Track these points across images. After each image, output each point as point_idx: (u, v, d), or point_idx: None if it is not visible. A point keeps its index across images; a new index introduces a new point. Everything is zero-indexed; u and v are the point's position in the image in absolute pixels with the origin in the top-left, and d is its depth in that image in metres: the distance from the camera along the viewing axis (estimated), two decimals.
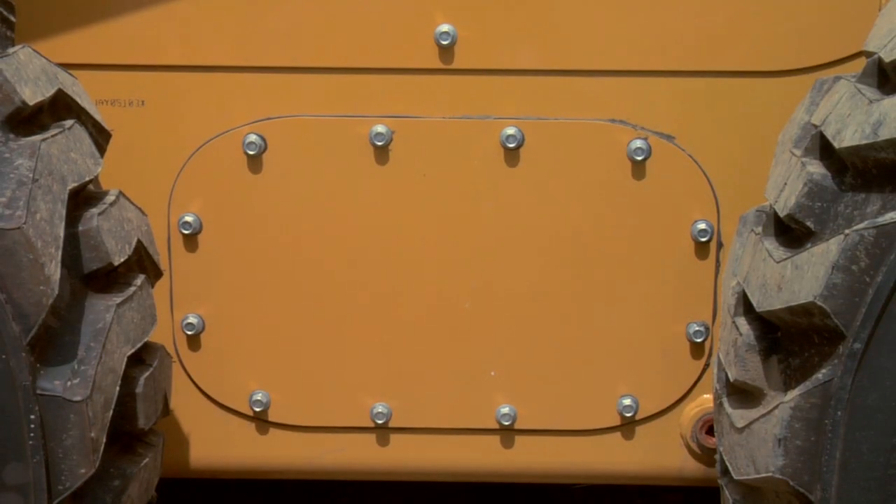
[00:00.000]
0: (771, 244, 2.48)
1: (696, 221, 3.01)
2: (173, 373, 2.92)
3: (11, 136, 2.39)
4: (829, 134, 2.39)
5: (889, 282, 2.27)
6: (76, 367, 2.39)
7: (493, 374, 3.10)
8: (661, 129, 2.99)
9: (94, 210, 2.52)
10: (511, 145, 2.98)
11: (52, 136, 2.45)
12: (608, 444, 3.14)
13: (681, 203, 3.01)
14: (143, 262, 2.72)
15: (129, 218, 2.64)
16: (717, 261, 3.04)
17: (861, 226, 2.28)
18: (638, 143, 2.97)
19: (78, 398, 2.38)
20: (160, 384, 2.73)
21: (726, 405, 2.56)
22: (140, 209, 2.74)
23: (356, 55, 2.95)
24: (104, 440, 2.47)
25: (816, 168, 2.41)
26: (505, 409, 3.11)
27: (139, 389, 2.60)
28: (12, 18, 2.56)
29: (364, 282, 3.06)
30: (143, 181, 3.00)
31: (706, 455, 3.12)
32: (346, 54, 2.95)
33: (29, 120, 2.46)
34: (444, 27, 2.93)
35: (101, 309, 2.47)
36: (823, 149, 2.45)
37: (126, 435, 2.64)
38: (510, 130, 2.97)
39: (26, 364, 2.35)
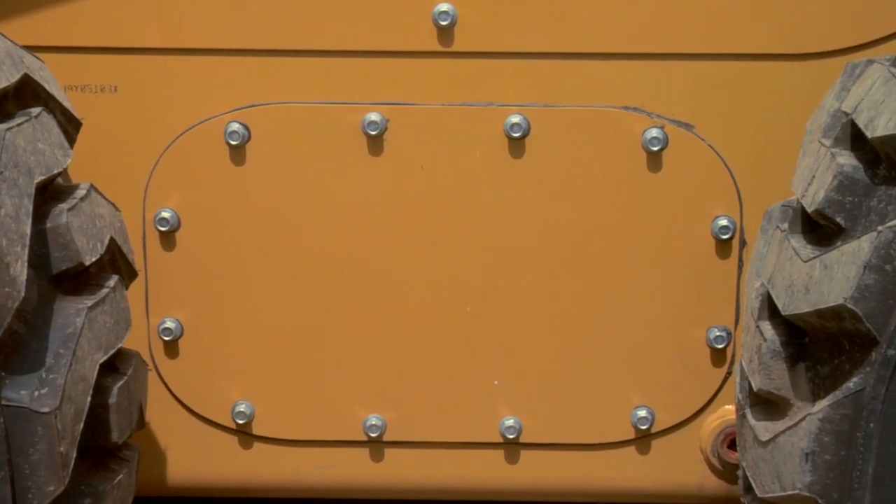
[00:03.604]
0: (798, 242, 2.49)
1: (716, 217, 3.03)
2: (149, 382, 2.93)
3: None
4: (860, 122, 2.40)
5: None
6: (44, 375, 2.40)
7: (496, 383, 3.12)
8: (678, 118, 3.00)
9: (64, 205, 2.53)
10: (516, 135, 2.99)
11: (18, 124, 2.45)
12: (621, 459, 3.15)
13: (700, 197, 3.02)
14: (117, 262, 2.73)
15: (101, 214, 2.65)
16: (740, 260, 3.05)
17: (895, 222, 2.29)
18: (654, 133, 2.99)
19: (46, 409, 2.39)
20: (135, 394, 2.73)
21: (749, 417, 2.57)
22: (113, 204, 2.75)
23: (348, 37, 2.96)
24: (74, 455, 2.47)
25: (847, 159, 2.42)
26: (509, 422, 3.12)
27: (112, 400, 2.61)
28: None
29: (357, 283, 3.07)
30: (116, 174, 3.01)
31: (728, 471, 3.13)
32: (336, 36, 2.96)
33: None
34: (443, 6, 2.94)
35: (71, 313, 2.48)
36: (855, 138, 2.46)
37: (98, 449, 2.65)
38: (515, 119, 2.98)
39: None
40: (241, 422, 3.14)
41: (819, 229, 2.48)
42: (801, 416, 2.40)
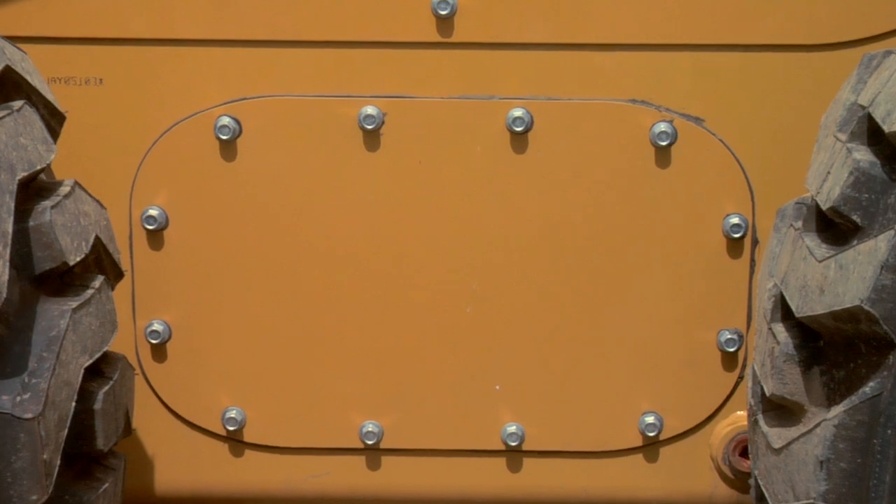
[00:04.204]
0: (812, 241, 2.49)
1: (728, 215, 3.03)
2: (136, 387, 2.93)
3: None
4: (878, 116, 2.41)
5: None
6: (26, 380, 2.41)
7: (497, 388, 3.12)
8: (688, 111, 3.00)
9: (47, 203, 2.53)
10: (518, 129, 2.99)
11: None
12: (628, 467, 3.15)
13: (711, 194, 3.03)
14: (102, 262, 2.73)
15: (86, 212, 2.65)
16: (752, 260, 3.05)
17: None
18: (662, 127, 2.99)
19: (28, 415, 2.39)
20: (121, 400, 2.74)
21: (762, 423, 2.57)
22: (98, 202, 2.75)
23: (343, 28, 2.97)
24: (58, 463, 2.48)
25: (864, 155, 2.42)
26: (511, 429, 3.13)
27: (98, 405, 2.62)
28: None
29: (352, 284, 3.07)
30: (101, 170, 3.01)
31: (739, 480, 3.14)
32: (332, 27, 2.96)
33: None
34: None
35: (55, 314, 2.48)
36: (872, 133, 2.47)
37: (83, 457, 2.65)
38: (517, 112, 2.99)
39: None
40: (231, 428, 3.14)
41: (834, 228, 2.49)
42: (816, 423, 2.40)
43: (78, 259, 2.58)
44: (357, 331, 3.09)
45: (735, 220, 3.02)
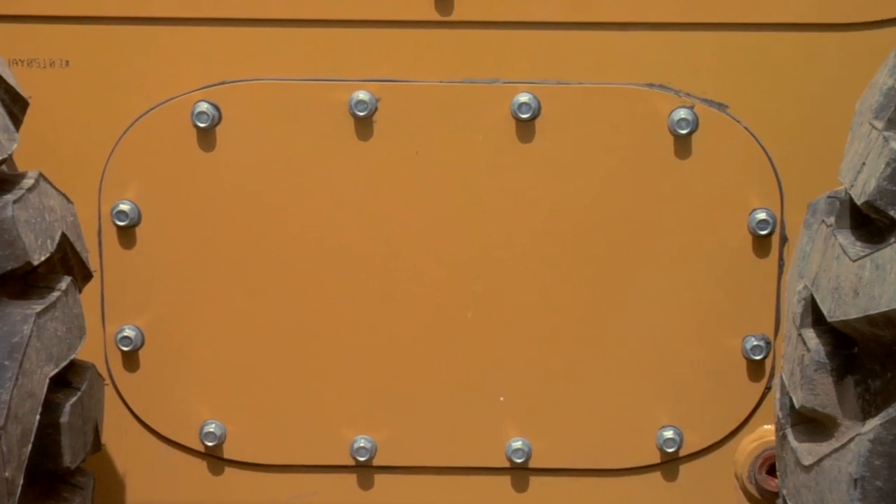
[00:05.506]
0: (846, 238, 2.50)
1: (754, 210, 3.04)
2: (106, 398, 2.94)
3: None
4: None
5: None
6: None
7: (501, 399, 3.13)
8: (710, 96, 3.01)
9: (9, 197, 2.54)
10: (524, 115, 3.00)
11: None
12: (644, 486, 3.16)
13: (736, 187, 3.04)
14: (69, 261, 2.74)
15: (51, 206, 2.66)
16: (780, 259, 3.06)
17: None
18: (682, 114, 3.00)
19: None
20: (90, 412, 2.75)
21: (791, 438, 2.58)
22: (65, 196, 2.76)
23: (333, 5, 2.97)
24: (21, 481, 2.49)
25: None
26: (517, 444, 3.14)
27: (64, 419, 2.62)
28: None
29: (343, 287, 3.08)
30: (68, 161, 3.02)
31: (766, 499, 3.15)
32: (320, 4, 2.97)
33: None
34: None
35: (18, 319, 2.49)
36: None
37: (48, 475, 2.66)
38: (523, 97, 3.00)
39: None
40: (210, 443, 3.15)
41: (870, 224, 2.50)
42: (850, 437, 2.41)
43: (42, 258, 2.58)
44: (348, 337, 3.10)
45: (762, 215, 3.03)
